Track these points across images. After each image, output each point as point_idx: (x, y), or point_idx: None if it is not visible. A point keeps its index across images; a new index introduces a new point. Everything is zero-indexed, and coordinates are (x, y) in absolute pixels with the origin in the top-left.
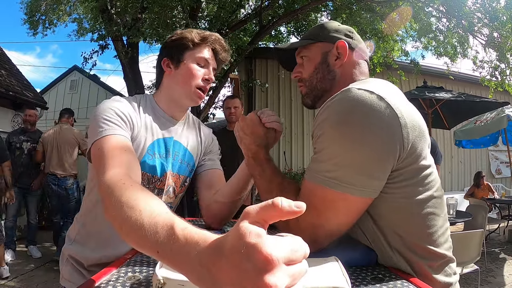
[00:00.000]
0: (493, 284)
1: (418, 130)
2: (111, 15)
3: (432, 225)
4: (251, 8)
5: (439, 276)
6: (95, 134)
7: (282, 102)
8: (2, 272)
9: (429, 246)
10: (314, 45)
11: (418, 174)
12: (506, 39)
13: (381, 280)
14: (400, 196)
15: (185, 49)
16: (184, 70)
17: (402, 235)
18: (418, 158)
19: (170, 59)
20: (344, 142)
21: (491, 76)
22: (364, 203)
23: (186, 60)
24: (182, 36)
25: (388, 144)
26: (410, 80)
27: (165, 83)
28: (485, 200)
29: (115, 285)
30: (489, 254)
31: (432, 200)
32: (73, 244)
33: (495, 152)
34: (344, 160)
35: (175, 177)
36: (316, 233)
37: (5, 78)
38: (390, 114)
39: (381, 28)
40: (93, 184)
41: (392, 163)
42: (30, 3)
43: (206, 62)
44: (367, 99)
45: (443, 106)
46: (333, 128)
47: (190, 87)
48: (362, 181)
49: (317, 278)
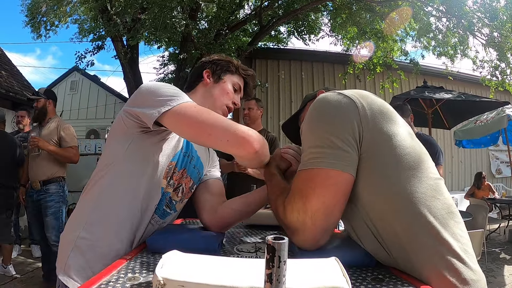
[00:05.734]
0: (493, 284)
1: (380, 112)
2: (110, 16)
3: (428, 205)
4: (251, 8)
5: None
6: (169, 100)
7: (282, 102)
8: (10, 270)
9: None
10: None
11: (393, 153)
12: (506, 38)
13: (381, 281)
14: (380, 175)
15: (228, 71)
16: (221, 87)
17: (392, 224)
18: (388, 137)
19: (212, 72)
20: (312, 130)
21: (492, 75)
22: (340, 177)
23: (226, 80)
24: (229, 60)
25: (343, 118)
26: (410, 80)
27: (200, 90)
28: (485, 200)
29: (115, 286)
30: (489, 254)
31: (416, 182)
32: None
33: (495, 152)
34: (314, 142)
35: (187, 178)
36: (302, 217)
37: (5, 79)
38: (346, 101)
39: (380, 28)
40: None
41: (351, 135)
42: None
43: (239, 89)
44: (328, 96)
45: (443, 106)
46: (305, 122)
47: (221, 102)
48: (328, 153)
49: (317, 278)
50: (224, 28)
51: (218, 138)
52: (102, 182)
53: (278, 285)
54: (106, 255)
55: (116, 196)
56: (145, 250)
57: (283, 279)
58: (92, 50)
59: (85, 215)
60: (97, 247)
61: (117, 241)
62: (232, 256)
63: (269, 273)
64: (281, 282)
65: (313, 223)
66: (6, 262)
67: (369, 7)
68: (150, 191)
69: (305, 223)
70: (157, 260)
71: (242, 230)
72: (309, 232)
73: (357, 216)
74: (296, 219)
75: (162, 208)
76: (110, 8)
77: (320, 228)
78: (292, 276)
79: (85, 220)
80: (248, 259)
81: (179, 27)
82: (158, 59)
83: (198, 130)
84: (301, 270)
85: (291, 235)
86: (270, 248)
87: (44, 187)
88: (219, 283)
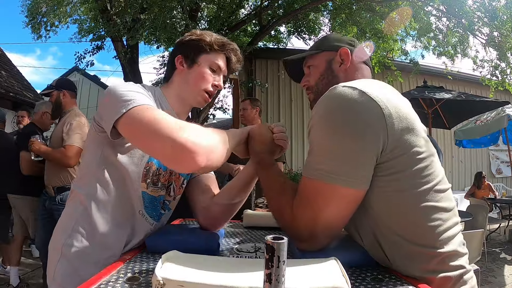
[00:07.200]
0: (493, 284)
1: (406, 121)
2: (110, 16)
3: (435, 218)
4: (251, 8)
5: (442, 273)
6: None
7: (282, 102)
8: (9, 270)
9: (430, 242)
10: (319, 54)
11: (411, 166)
12: (506, 38)
13: (381, 281)
14: (393, 189)
15: (201, 52)
16: (196, 72)
17: (399, 234)
18: (409, 149)
19: (184, 57)
20: (328, 134)
21: (492, 75)
22: (354, 194)
23: (201, 63)
24: (201, 38)
25: (369, 134)
26: (410, 80)
27: (175, 80)
28: (485, 199)
29: (115, 285)
30: (489, 254)
31: (432, 193)
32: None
33: (495, 152)
34: (330, 152)
35: (176, 175)
36: (312, 227)
37: (5, 79)
38: (371, 106)
39: (380, 28)
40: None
41: (375, 153)
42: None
43: (219, 69)
44: (348, 94)
45: (443, 106)
46: (319, 122)
47: (199, 89)
48: (347, 171)
49: (317, 278)
50: (224, 28)
51: (157, 152)
52: (83, 190)
53: (277, 285)
54: (95, 262)
55: (98, 204)
56: (144, 251)
57: (282, 279)
58: (92, 51)
59: (71, 222)
60: (85, 254)
61: (104, 248)
62: (231, 256)
63: (269, 273)
64: (281, 282)
65: (323, 233)
66: (5, 262)
67: (369, 7)
68: (131, 197)
69: (314, 234)
70: (157, 260)
71: (242, 230)
72: (317, 241)
73: (364, 224)
74: (304, 228)
75: (159, 212)
76: (110, 8)
77: (329, 238)
78: (292, 276)
79: (71, 227)
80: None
81: (179, 27)
82: (158, 59)
83: (142, 142)
84: (300, 270)
85: (296, 240)
86: (269, 248)
87: (59, 196)
88: (218, 283)
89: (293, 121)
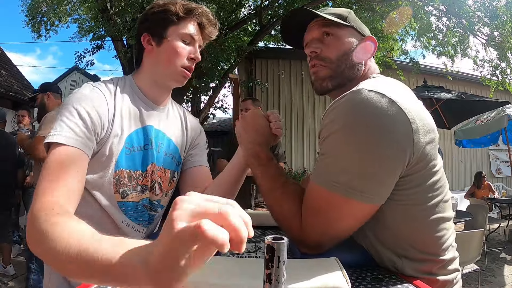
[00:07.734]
0: (493, 284)
1: (429, 135)
2: (110, 15)
3: (441, 228)
4: (251, 8)
5: (441, 277)
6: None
7: (282, 102)
8: (9, 270)
9: (436, 251)
10: (348, 28)
11: (428, 179)
12: (506, 38)
13: (381, 281)
14: (412, 203)
15: (168, 24)
16: (167, 48)
17: (411, 243)
18: (429, 163)
19: (151, 34)
20: (352, 146)
21: (492, 75)
22: (372, 209)
23: (170, 37)
24: (165, 8)
25: (398, 150)
26: (410, 80)
27: (146, 62)
28: (485, 199)
29: None
30: (489, 254)
31: (441, 204)
32: None
33: (495, 152)
34: (352, 165)
35: (160, 171)
36: (321, 237)
37: (5, 79)
38: (401, 120)
39: (381, 27)
40: None
41: (401, 169)
42: (30, 5)
43: (192, 38)
44: (377, 103)
45: (443, 106)
46: (340, 131)
47: (174, 67)
48: (370, 188)
49: (317, 278)
50: (224, 27)
51: None
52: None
53: (277, 285)
54: None
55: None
56: None
57: (282, 279)
58: (92, 50)
59: None
60: None
61: None
62: (231, 256)
63: (269, 273)
64: (280, 282)
65: (331, 242)
66: (6, 262)
67: (370, 7)
68: (108, 210)
69: (322, 243)
70: None
71: None
72: (323, 249)
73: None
74: (313, 239)
75: (147, 216)
76: (110, 8)
77: (334, 244)
78: (292, 276)
79: None
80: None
81: None
82: None
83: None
84: (301, 270)
85: (300, 246)
86: (269, 248)
87: None
88: (218, 283)
89: (293, 121)
